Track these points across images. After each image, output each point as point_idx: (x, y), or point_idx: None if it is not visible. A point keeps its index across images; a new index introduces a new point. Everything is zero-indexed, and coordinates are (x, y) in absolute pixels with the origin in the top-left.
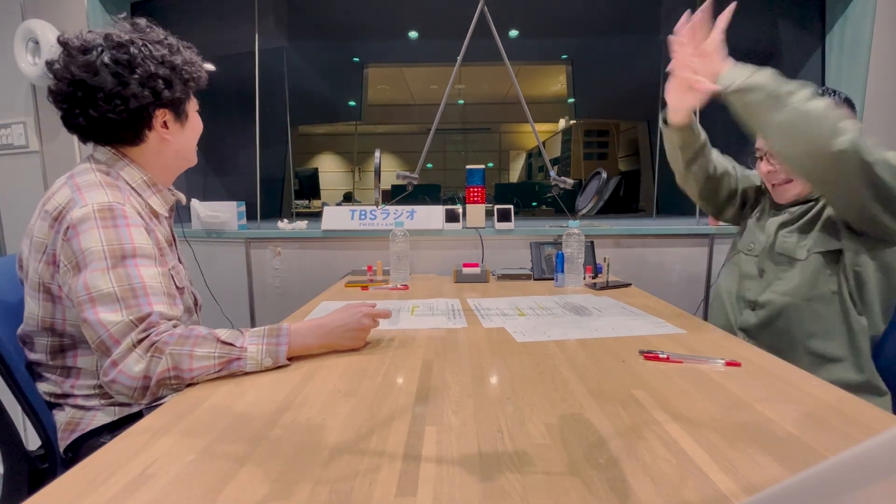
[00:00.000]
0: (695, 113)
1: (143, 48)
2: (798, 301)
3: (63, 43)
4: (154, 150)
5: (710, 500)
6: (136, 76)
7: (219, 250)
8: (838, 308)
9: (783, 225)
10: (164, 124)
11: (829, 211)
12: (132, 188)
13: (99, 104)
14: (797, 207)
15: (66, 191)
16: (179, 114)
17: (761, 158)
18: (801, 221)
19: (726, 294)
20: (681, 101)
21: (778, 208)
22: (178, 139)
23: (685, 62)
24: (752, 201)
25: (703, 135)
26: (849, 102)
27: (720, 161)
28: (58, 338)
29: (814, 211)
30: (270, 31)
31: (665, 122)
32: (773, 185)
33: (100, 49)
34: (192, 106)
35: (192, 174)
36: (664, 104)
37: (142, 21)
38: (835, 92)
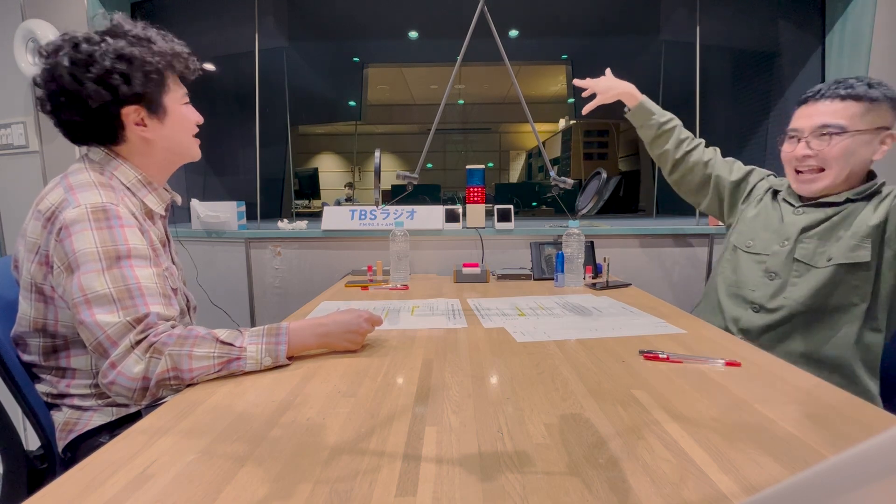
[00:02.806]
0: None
1: (100, 44)
2: (810, 310)
3: (38, 51)
4: (140, 148)
5: (710, 500)
6: (91, 74)
7: (219, 250)
8: (852, 321)
9: (805, 230)
10: (142, 122)
11: (863, 220)
12: (126, 188)
13: (64, 108)
14: (821, 210)
15: (59, 191)
16: (155, 108)
17: (798, 140)
18: (823, 227)
19: (723, 293)
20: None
21: (797, 209)
22: (160, 135)
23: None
24: (744, 195)
25: (664, 119)
26: (893, 99)
27: (699, 152)
28: (50, 339)
29: (838, 217)
30: (270, 31)
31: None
32: (797, 173)
33: (61, 52)
34: (174, 98)
35: (193, 174)
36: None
37: (117, 15)
38: (870, 85)
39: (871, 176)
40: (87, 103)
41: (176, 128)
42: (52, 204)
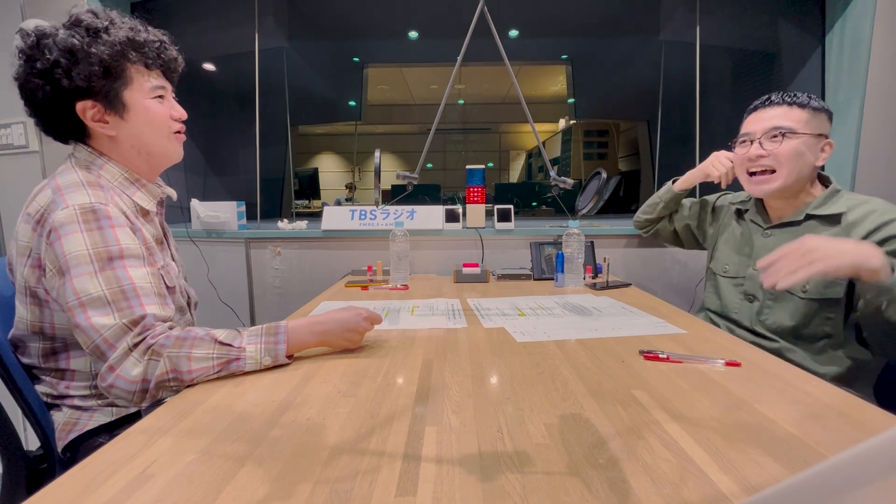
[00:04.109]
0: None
1: (50, 38)
2: (790, 335)
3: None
4: (109, 147)
5: (710, 500)
6: (35, 69)
7: (219, 250)
8: (832, 347)
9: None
10: (102, 118)
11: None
12: (114, 186)
13: (25, 105)
14: (788, 231)
15: (47, 192)
16: (112, 103)
17: (751, 143)
18: None
19: (713, 316)
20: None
21: (765, 231)
22: (124, 133)
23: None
24: (708, 216)
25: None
26: (830, 114)
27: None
28: (49, 341)
29: None
30: (270, 31)
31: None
32: (750, 175)
33: (19, 48)
34: (139, 92)
35: (193, 174)
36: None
37: (81, 7)
38: (810, 97)
39: (825, 184)
40: (33, 97)
41: (140, 124)
42: (40, 206)
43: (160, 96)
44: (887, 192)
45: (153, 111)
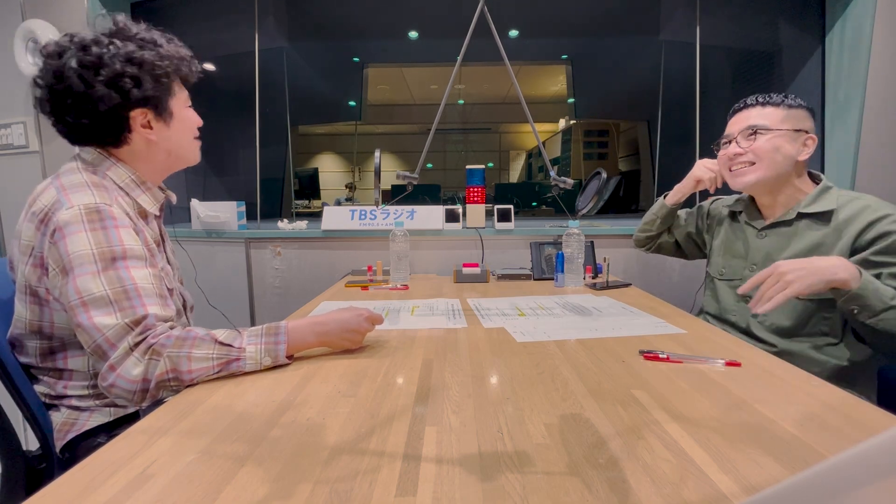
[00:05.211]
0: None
1: (109, 47)
2: (786, 335)
3: (40, 51)
4: (142, 150)
5: (710, 500)
6: (102, 77)
7: (219, 250)
8: (832, 344)
9: (774, 256)
10: (148, 124)
11: (839, 254)
12: (120, 187)
13: (71, 110)
14: (782, 231)
15: (51, 191)
16: (162, 112)
17: (729, 143)
18: (796, 250)
19: (711, 320)
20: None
21: (759, 233)
22: (164, 138)
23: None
24: (705, 223)
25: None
26: (810, 110)
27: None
28: (47, 340)
29: (810, 243)
30: (270, 31)
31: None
32: (730, 170)
33: (67, 53)
34: (180, 102)
35: (193, 174)
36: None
37: (120, 16)
38: (786, 96)
39: (816, 181)
40: (97, 106)
41: (180, 131)
42: (44, 205)
43: (189, 105)
44: (887, 193)
45: (191, 120)
